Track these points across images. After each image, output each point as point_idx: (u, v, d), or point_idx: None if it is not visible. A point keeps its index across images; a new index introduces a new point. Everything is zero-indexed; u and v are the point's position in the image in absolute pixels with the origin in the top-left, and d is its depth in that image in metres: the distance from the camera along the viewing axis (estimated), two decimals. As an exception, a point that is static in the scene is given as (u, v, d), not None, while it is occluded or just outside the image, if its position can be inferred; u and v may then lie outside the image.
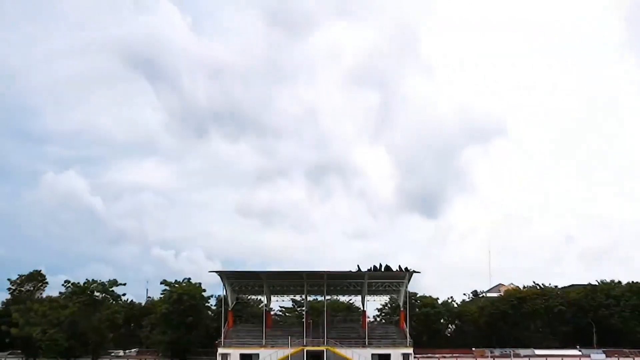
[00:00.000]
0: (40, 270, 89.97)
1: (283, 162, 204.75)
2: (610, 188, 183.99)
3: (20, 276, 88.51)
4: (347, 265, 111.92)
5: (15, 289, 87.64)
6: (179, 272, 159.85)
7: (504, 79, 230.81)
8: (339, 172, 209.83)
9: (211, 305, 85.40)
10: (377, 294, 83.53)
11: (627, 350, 75.23)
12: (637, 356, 71.65)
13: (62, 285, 78.14)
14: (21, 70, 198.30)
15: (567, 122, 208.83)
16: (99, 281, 77.27)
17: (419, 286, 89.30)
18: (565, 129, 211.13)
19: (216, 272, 75.77)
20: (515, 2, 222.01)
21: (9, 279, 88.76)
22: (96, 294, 76.66)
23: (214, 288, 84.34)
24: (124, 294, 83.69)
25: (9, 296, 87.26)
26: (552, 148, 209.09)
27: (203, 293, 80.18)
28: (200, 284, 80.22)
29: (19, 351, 78.01)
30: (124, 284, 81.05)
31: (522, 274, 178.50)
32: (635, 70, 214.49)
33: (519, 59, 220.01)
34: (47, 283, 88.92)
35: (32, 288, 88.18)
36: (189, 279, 79.93)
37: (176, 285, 77.15)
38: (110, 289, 78.09)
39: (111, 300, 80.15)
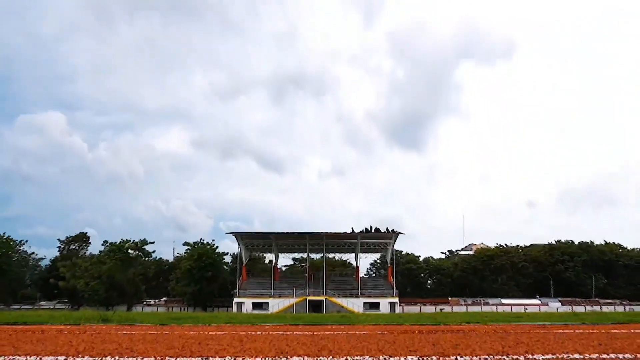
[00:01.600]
0: (85, 232, 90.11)
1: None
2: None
3: (68, 237, 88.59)
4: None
5: (63, 247, 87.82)
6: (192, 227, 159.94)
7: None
8: (314, 90, 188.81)
9: (227, 261, 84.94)
10: (368, 252, 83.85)
11: (579, 300, 75.01)
12: (587, 304, 71.24)
13: (102, 244, 77.75)
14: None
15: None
16: (132, 241, 76.77)
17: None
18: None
19: (233, 233, 75.82)
20: None
21: (58, 239, 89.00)
22: (130, 251, 76.36)
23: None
24: (153, 251, 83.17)
25: (57, 254, 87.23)
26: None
27: (218, 251, 79.89)
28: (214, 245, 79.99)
29: (66, 300, 77.85)
30: (153, 242, 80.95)
31: (491, 235, 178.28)
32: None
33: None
34: (90, 243, 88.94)
35: (77, 247, 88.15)
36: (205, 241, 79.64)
37: (196, 246, 77.05)
38: (142, 247, 77.71)
39: (143, 257, 79.76)
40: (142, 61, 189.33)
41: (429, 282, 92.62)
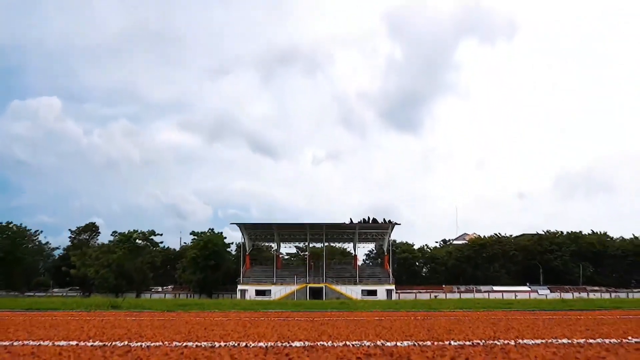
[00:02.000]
0: (94, 223, 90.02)
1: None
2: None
3: (78, 227, 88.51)
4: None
5: (74, 237, 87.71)
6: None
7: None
8: (307, 69, 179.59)
9: (231, 250, 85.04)
10: (365, 242, 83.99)
11: (567, 287, 75.17)
12: (575, 291, 71.38)
13: (111, 234, 77.77)
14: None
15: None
16: (139, 231, 76.82)
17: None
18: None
19: (237, 224, 75.66)
20: None
21: (69, 229, 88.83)
22: (138, 241, 76.47)
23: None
24: (161, 242, 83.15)
25: (69, 243, 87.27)
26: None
27: (224, 240, 79.85)
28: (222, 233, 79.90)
29: (77, 288, 78.04)
30: (161, 234, 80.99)
31: (483, 225, 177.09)
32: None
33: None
34: (99, 233, 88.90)
35: (87, 237, 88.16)
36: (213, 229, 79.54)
37: (202, 235, 77.00)
38: (150, 237, 77.79)
39: (150, 247, 79.84)
40: (133, 45, 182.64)
41: (424, 270, 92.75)
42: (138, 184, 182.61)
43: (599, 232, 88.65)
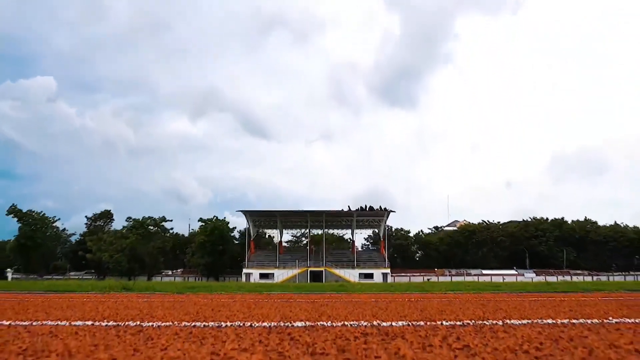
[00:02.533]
0: (109, 210, 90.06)
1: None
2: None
3: (94, 214, 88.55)
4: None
5: (90, 224, 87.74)
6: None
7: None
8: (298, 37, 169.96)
9: (237, 236, 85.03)
10: (363, 228, 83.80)
11: (551, 271, 75.32)
12: (559, 275, 71.49)
13: (126, 220, 77.82)
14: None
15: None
16: (151, 217, 76.80)
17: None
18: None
19: (242, 211, 75.54)
20: None
21: (85, 216, 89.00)
22: (150, 227, 76.39)
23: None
24: (171, 228, 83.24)
25: (85, 229, 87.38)
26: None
27: (229, 226, 79.88)
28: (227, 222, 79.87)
29: (92, 271, 78.24)
30: (171, 220, 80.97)
31: (473, 212, 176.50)
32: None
33: None
34: (114, 219, 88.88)
35: (102, 223, 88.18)
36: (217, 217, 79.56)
37: (209, 222, 77.00)
38: (161, 224, 77.79)
39: (161, 233, 79.85)
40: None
41: (418, 254, 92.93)
42: (140, 170, 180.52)
43: (582, 220, 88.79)
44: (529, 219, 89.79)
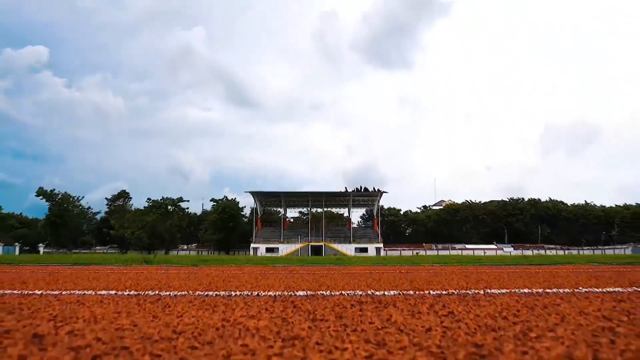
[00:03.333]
0: (125, 190, 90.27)
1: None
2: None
3: (113, 195, 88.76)
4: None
5: (110, 204, 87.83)
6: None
7: None
8: None
9: (245, 214, 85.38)
10: (358, 207, 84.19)
11: (527, 245, 75.89)
12: (534, 249, 72.09)
13: (146, 201, 78.21)
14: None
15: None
16: (169, 198, 76.92)
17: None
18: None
19: (250, 192, 75.69)
20: None
21: (106, 198, 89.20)
22: (168, 207, 76.54)
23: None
24: (187, 208, 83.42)
25: (106, 208, 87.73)
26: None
27: (239, 205, 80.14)
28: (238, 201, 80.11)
29: (116, 246, 78.64)
30: (188, 201, 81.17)
31: (457, 192, 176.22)
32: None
33: None
34: (131, 197, 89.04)
35: (122, 202, 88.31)
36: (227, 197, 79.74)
37: (220, 202, 77.26)
38: (177, 204, 77.90)
39: (178, 211, 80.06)
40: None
41: (408, 231, 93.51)
42: (149, 150, 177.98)
43: (555, 200, 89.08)
44: (507, 199, 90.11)
